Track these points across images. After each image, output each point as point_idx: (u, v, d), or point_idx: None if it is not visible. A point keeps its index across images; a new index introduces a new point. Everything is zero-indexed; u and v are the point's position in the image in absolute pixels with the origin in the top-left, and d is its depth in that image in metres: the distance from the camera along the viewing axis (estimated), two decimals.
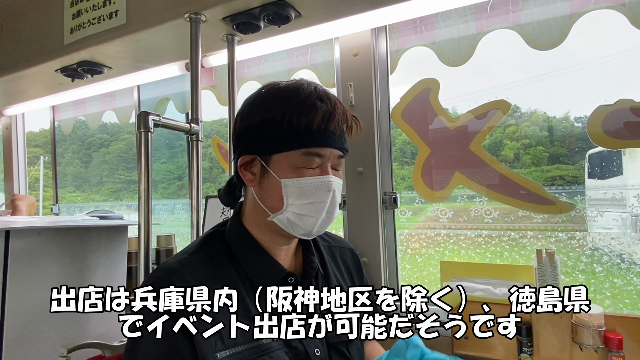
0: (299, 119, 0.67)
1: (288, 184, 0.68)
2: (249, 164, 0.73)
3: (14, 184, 2.46)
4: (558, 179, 1.30)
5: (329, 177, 0.70)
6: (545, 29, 1.18)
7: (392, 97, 1.40)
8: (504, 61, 1.43)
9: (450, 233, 1.43)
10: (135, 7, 1.29)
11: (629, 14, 1.08)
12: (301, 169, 0.69)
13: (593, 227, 1.21)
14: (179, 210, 2.39)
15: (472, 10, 1.26)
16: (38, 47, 1.57)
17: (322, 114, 0.67)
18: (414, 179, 1.34)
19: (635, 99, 1.08)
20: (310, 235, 0.73)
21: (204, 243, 0.75)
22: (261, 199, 0.72)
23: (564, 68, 1.25)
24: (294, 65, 1.59)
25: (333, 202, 0.71)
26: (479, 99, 1.28)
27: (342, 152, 0.72)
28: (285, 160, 0.69)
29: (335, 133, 0.69)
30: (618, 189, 1.22)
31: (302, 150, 0.68)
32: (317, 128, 0.67)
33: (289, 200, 0.69)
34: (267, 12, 1.15)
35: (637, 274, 1.17)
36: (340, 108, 0.70)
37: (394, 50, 1.39)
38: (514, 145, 1.37)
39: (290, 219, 0.70)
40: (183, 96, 1.92)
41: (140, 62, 1.57)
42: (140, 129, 1.02)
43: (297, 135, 0.67)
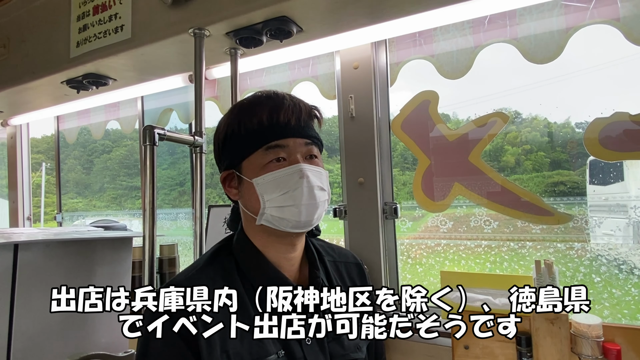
0: (251, 121, 0.72)
1: (259, 182, 0.71)
2: (229, 180, 0.77)
3: (17, 192, 2.48)
4: (559, 185, 1.31)
5: (297, 165, 0.71)
6: (542, 43, 1.20)
7: (392, 107, 1.42)
8: (502, 72, 1.46)
9: (450, 243, 1.44)
10: (141, 22, 1.32)
11: (624, 29, 1.11)
12: (268, 166, 0.72)
13: (593, 235, 1.22)
14: (181, 219, 2.41)
15: (470, 24, 1.29)
16: (44, 60, 1.60)
17: (269, 108, 0.71)
18: (414, 189, 1.36)
19: (632, 111, 1.10)
20: (300, 226, 0.73)
21: (213, 258, 0.77)
22: (246, 207, 0.76)
23: (562, 75, 1.27)
24: (295, 77, 1.62)
25: (309, 186, 0.71)
26: (479, 106, 1.30)
27: (307, 140, 0.74)
28: (252, 163, 0.73)
29: (291, 123, 0.72)
30: (619, 195, 1.23)
31: (264, 147, 0.71)
32: (269, 123, 0.71)
33: (265, 197, 0.71)
34: (270, 27, 1.18)
35: (635, 284, 1.18)
36: (289, 100, 0.73)
37: (393, 63, 1.42)
38: (515, 150, 1.38)
39: (273, 214, 0.72)
40: (186, 107, 1.94)
41: (145, 75, 1.60)
42: (145, 143, 1.04)
43: (253, 136, 0.72)
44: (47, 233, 1.23)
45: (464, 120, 1.40)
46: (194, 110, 1.28)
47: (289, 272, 0.78)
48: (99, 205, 3.79)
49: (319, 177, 0.74)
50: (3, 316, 0.98)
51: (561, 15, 1.18)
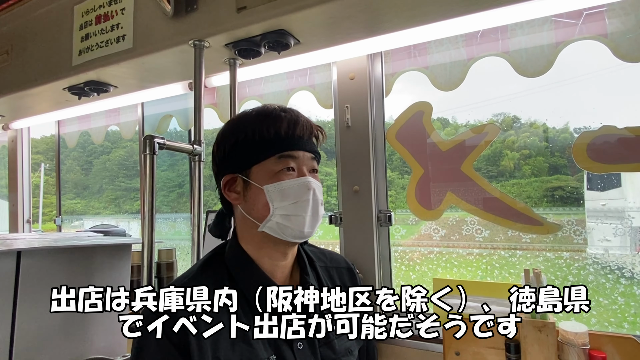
0: (268, 130, 0.75)
1: (270, 190, 0.74)
2: (232, 184, 0.79)
3: (17, 194, 2.51)
4: (558, 190, 1.33)
5: (306, 177, 0.76)
6: (532, 57, 1.23)
7: (386, 117, 1.45)
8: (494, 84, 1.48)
9: (443, 251, 1.47)
10: (142, 32, 1.35)
11: (611, 45, 1.14)
12: (279, 174, 0.74)
13: (590, 240, 1.23)
14: (179, 224, 2.43)
15: (463, 37, 1.32)
16: (47, 67, 1.62)
17: (288, 121, 0.75)
18: (408, 197, 1.39)
19: (618, 125, 1.14)
20: (302, 236, 0.76)
21: (205, 267, 0.78)
22: (248, 212, 0.77)
23: (558, 82, 1.29)
24: (293, 86, 1.65)
25: (315, 200, 0.76)
26: (478, 111, 1.32)
27: (313, 155, 0.79)
28: (263, 169, 0.75)
29: (303, 138, 0.77)
30: (616, 200, 1.26)
31: (277, 156, 0.74)
32: (285, 134, 0.75)
33: (274, 204, 0.74)
34: (268, 39, 1.21)
35: (622, 293, 1.21)
36: (302, 117, 0.78)
37: (388, 74, 1.45)
38: (513, 155, 1.40)
39: (279, 222, 0.74)
40: (185, 113, 1.97)
41: (145, 82, 1.63)
42: (145, 152, 1.06)
43: (269, 144, 0.75)
44: (48, 239, 1.25)
45: (463, 125, 1.42)
46: (193, 118, 1.31)
47: (280, 280, 0.80)
48: (97, 206, 3.80)
49: (320, 193, 0.78)
50: (6, 320, 1.00)
51: (551, 30, 1.21)
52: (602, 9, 1.14)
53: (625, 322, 1.21)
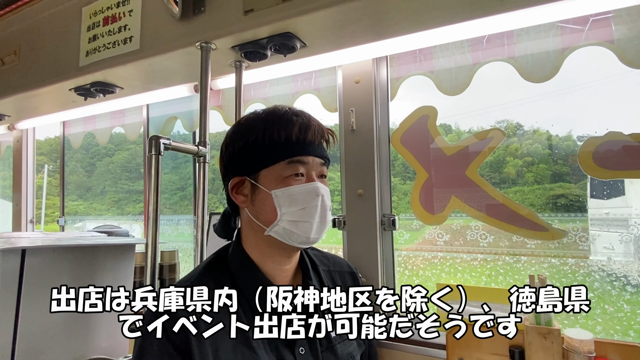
0: (278, 134, 0.73)
1: (279, 194, 0.73)
2: (240, 186, 0.78)
3: (21, 194, 2.52)
4: (561, 197, 1.33)
5: (315, 183, 0.75)
6: (538, 62, 1.23)
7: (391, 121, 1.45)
8: (500, 89, 1.49)
9: (447, 255, 1.46)
10: (149, 34, 1.36)
11: (617, 51, 1.14)
12: (288, 179, 0.74)
13: (594, 249, 1.23)
14: (182, 226, 2.43)
15: (469, 42, 1.33)
16: (54, 68, 1.63)
17: (299, 126, 0.74)
18: (412, 201, 1.39)
19: (624, 131, 1.13)
20: (308, 242, 0.76)
21: (207, 269, 0.78)
22: (255, 216, 0.76)
23: (563, 89, 1.29)
24: (298, 89, 1.66)
25: (323, 206, 0.75)
26: (481, 118, 1.32)
27: (323, 160, 0.78)
28: (272, 173, 0.74)
29: (314, 143, 0.75)
30: (620, 209, 1.25)
31: (287, 161, 0.73)
32: (296, 139, 0.74)
33: (282, 210, 0.73)
34: (274, 42, 1.21)
35: (627, 300, 1.20)
36: (314, 121, 0.77)
37: (394, 78, 1.45)
38: (516, 162, 1.39)
39: (286, 227, 0.73)
40: (191, 115, 1.98)
41: (151, 84, 1.64)
42: (151, 152, 1.06)
43: (279, 148, 0.73)
44: (52, 238, 1.25)
45: (466, 131, 1.42)
46: (198, 120, 1.31)
47: (282, 283, 0.79)
48: (100, 208, 3.81)
49: (329, 198, 0.77)
50: (9, 318, 1.00)
51: (557, 36, 1.22)
52: (609, 15, 1.15)
53: (631, 330, 1.19)
